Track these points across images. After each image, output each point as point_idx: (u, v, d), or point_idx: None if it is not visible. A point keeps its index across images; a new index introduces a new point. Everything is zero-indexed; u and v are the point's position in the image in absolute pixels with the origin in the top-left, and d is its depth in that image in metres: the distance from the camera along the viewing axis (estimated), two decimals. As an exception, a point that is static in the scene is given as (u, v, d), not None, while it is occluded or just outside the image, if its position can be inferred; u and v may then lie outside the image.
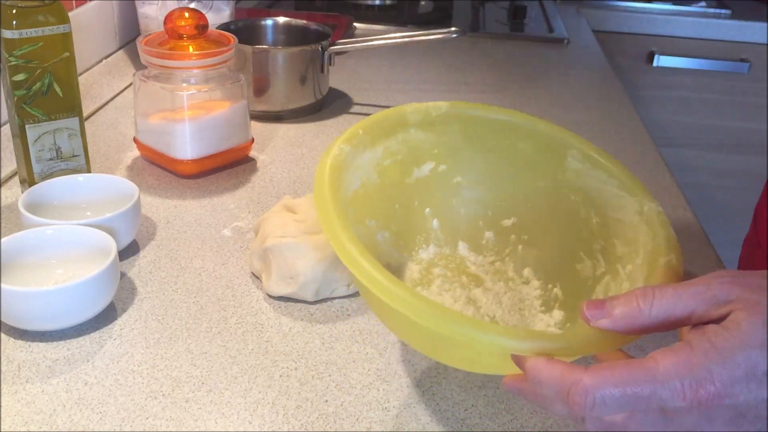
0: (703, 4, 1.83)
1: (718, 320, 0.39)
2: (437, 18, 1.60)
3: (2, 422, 0.52)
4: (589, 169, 0.57)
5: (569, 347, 0.41)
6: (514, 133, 0.60)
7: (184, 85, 0.85)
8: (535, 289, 0.60)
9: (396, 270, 0.60)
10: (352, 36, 1.41)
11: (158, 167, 0.89)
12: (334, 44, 1.06)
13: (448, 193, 0.62)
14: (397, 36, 1.05)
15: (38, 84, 0.74)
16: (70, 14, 0.74)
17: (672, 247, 0.49)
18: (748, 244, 0.84)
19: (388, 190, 0.59)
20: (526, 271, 0.61)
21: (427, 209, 0.62)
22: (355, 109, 1.11)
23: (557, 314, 0.57)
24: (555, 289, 0.59)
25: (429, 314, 0.42)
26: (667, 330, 0.41)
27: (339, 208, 0.48)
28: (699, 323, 0.40)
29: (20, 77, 0.73)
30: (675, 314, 0.40)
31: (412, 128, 0.59)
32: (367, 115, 1.08)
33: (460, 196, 0.62)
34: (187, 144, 0.85)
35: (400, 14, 1.60)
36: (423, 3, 1.67)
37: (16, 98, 0.74)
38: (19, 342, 0.60)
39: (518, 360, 0.41)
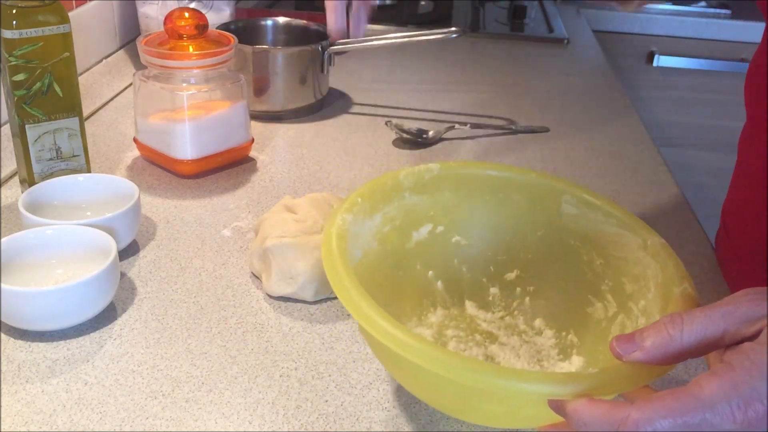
0: (703, 4, 1.83)
1: (751, 338, 0.39)
2: (437, 18, 1.60)
3: (2, 422, 0.52)
4: (585, 212, 0.58)
5: (608, 385, 0.41)
6: (507, 187, 0.61)
7: (184, 85, 0.85)
8: (549, 338, 0.60)
9: None
10: (352, 36, 1.41)
11: (158, 167, 0.89)
12: (334, 44, 1.06)
13: (448, 253, 0.62)
14: (397, 36, 1.05)
15: (38, 84, 0.74)
16: (70, 14, 0.74)
17: (683, 275, 0.49)
18: (720, 245, 0.82)
19: (389, 257, 0.59)
20: (537, 322, 0.61)
21: (430, 272, 0.62)
22: (355, 109, 1.11)
23: (577, 360, 0.57)
24: (570, 336, 0.58)
25: (463, 369, 0.41)
26: (701, 355, 0.41)
27: (352, 276, 0.47)
28: (732, 343, 0.39)
29: (20, 77, 0.73)
30: (707, 337, 0.40)
31: (406, 192, 0.59)
32: (367, 115, 1.09)
33: (460, 254, 0.62)
34: (187, 144, 0.85)
35: (400, 14, 1.59)
36: (423, 3, 1.67)
37: (16, 98, 0.74)
38: (19, 342, 0.60)
39: (557, 405, 0.41)
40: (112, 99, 1.09)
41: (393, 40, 1.05)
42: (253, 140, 0.92)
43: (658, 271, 0.51)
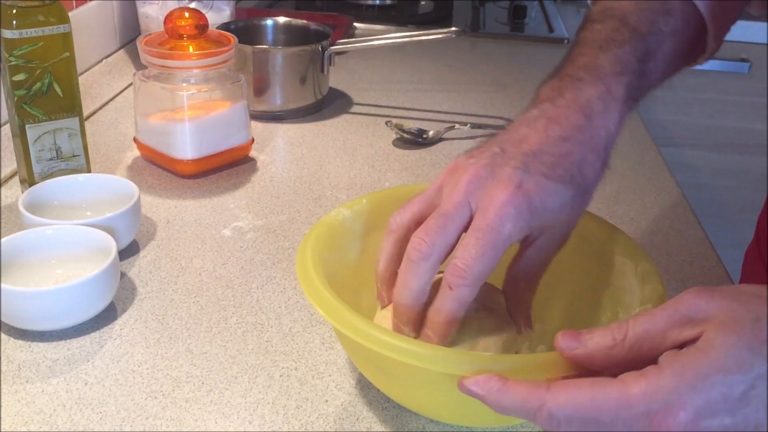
0: (703, 4, 1.82)
1: (693, 341, 0.37)
2: (437, 18, 1.60)
3: (2, 422, 0.52)
4: (597, 240, 0.57)
5: (525, 371, 0.41)
6: None
7: (184, 85, 0.85)
8: None
9: None
10: (352, 36, 1.41)
11: (158, 167, 0.89)
12: (334, 44, 1.06)
13: None
14: (397, 36, 1.05)
15: (38, 84, 0.74)
16: (70, 14, 0.74)
17: (659, 297, 0.49)
18: (751, 256, 0.83)
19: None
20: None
21: None
22: (355, 109, 1.11)
23: None
24: None
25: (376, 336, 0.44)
26: (648, 358, 0.38)
27: (319, 269, 0.50)
28: (674, 346, 0.37)
29: (20, 77, 0.73)
30: (649, 339, 0.38)
31: None
32: (367, 115, 1.09)
33: None
34: (187, 144, 0.85)
35: (400, 14, 1.59)
36: (423, 3, 1.67)
37: (16, 98, 0.74)
38: (19, 342, 0.60)
39: (465, 387, 0.41)
40: (112, 99, 1.09)
41: (393, 40, 1.05)
42: (253, 140, 0.92)
43: (641, 296, 0.51)
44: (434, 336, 0.47)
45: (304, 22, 1.13)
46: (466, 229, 0.46)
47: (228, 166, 0.90)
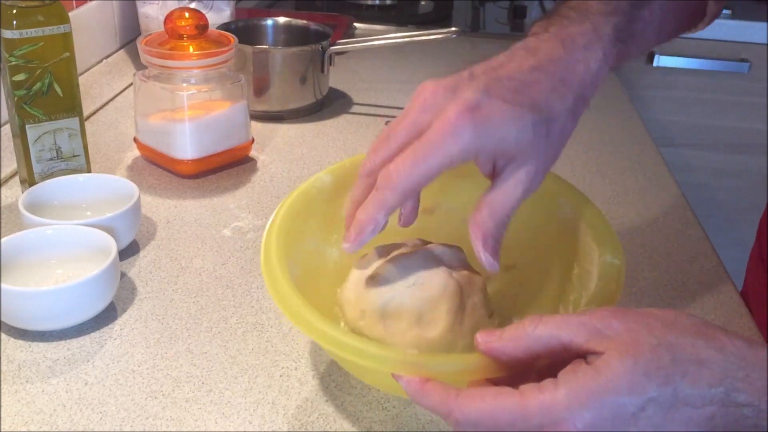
0: (703, 4, 1.82)
1: (595, 354, 0.38)
2: (437, 18, 1.60)
3: (2, 422, 0.52)
4: (576, 217, 0.56)
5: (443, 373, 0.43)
6: None
7: (184, 85, 0.85)
8: None
9: None
10: (352, 36, 1.41)
11: (158, 167, 0.89)
12: (334, 44, 1.06)
13: (451, 238, 0.59)
14: (397, 36, 1.05)
15: (38, 84, 0.74)
16: (70, 14, 0.74)
17: (609, 302, 0.48)
18: (754, 258, 0.83)
19: (379, 237, 0.54)
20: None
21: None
22: (355, 109, 1.11)
23: None
24: None
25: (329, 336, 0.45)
26: (551, 357, 0.40)
27: (282, 253, 0.51)
28: (579, 354, 0.39)
29: (20, 77, 0.73)
30: (557, 340, 0.40)
31: None
32: (367, 115, 1.09)
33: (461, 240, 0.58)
34: (187, 144, 0.85)
35: (400, 14, 1.60)
36: (423, 3, 1.67)
37: (16, 98, 0.74)
38: (19, 342, 0.60)
39: (398, 378, 0.43)
40: (112, 99, 1.09)
41: (393, 40, 1.05)
42: (253, 140, 0.92)
43: (594, 291, 0.50)
44: (351, 231, 0.48)
45: (304, 22, 1.13)
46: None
47: (228, 166, 0.90)
